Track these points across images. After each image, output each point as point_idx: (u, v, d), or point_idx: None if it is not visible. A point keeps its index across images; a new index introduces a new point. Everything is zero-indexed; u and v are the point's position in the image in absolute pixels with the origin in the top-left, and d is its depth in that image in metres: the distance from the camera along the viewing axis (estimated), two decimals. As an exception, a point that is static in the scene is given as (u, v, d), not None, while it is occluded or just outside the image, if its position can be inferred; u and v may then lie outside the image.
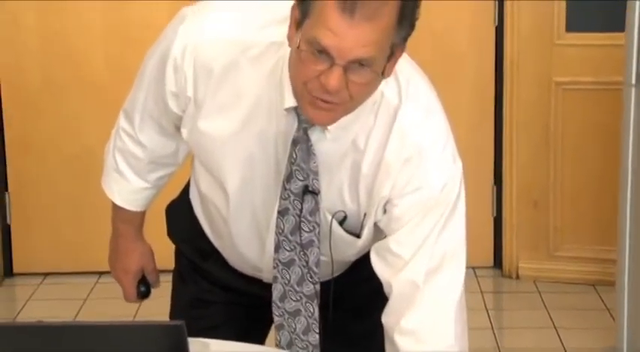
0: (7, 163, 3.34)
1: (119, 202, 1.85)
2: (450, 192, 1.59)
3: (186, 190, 1.85)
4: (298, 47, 1.46)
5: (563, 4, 3.24)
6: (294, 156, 1.58)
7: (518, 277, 3.43)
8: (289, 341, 1.70)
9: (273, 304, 1.68)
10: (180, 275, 1.89)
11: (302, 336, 1.69)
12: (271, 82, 1.57)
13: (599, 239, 3.30)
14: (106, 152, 1.84)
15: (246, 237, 1.70)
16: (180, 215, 1.85)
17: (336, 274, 1.71)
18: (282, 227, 1.63)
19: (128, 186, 1.83)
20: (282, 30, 1.52)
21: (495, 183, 3.42)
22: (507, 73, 3.33)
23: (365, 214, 1.61)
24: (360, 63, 1.45)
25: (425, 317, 1.58)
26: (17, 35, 3.25)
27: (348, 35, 1.43)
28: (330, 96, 1.47)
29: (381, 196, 1.59)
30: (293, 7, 1.50)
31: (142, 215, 1.88)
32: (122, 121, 1.79)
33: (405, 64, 1.58)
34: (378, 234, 1.64)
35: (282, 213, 1.62)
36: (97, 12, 3.23)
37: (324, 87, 1.46)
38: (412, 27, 1.48)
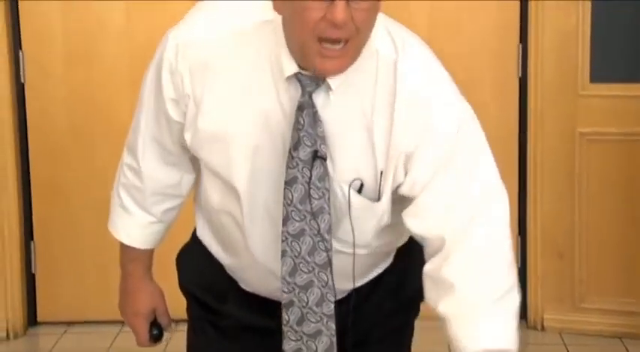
0: (32, 211, 3.37)
1: (125, 240, 1.83)
2: (466, 135, 1.60)
3: (194, 234, 1.83)
4: (292, 2, 1.47)
5: (587, 54, 3.24)
6: (302, 121, 1.57)
7: (543, 329, 3.40)
8: (300, 317, 1.67)
9: (281, 280, 1.64)
10: (194, 329, 1.85)
11: (315, 308, 1.66)
12: (268, 58, 1.59)
13: (625, 291, 3.27)
14: (112, 194, 1.83)
15: (262, 241, 1.67)
16: (193, 255, 1.84)
17: (357, 283, 1.68)
18: (290, 197, 1.60)
19: (134, 221, 1.81)
20: (268, 11, 1.56)
21: (520, 233, 3.40)
22: (531, 123, 3.33)
23: (381, 173, 1.59)
24: None
25: (474, 259, 1.57)
26: (45, 83, 3.29)
27: None
28: (339, 32, 1.48)
29: (399, 151, 1.57)
30: None
31: (150, 254, 1.86)
32: (125, 157, 1.80)
33: (398, 28, 1.62)
34: (398, 204, 1.62)
35: (289, 182, 1.60)
36: (123, 60, 3.27)
37: (332, 21, 1.46)
38: None
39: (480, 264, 1.58)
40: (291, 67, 1.57)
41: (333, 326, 1.66)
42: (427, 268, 1.61)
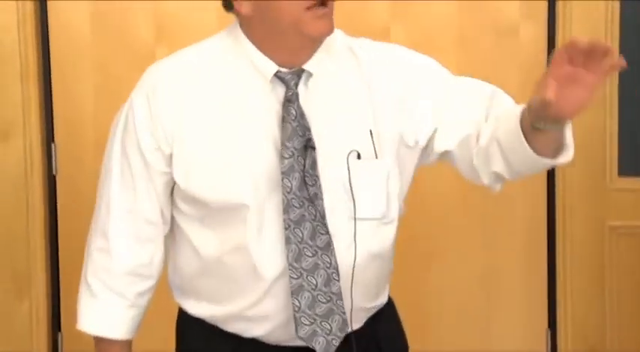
0: (60, 299, 3.35)
1: (96, 331, 1.81)
2: (435, 62, 1.84)
3: (182, 322, 1.85)
4: None
5: (615, 148, 3.25)
6: (293, 112, 1.70)
7: None
8: (311, 300, 1.72)
9: (289, 268, 1.70)
10: None
11: (324, 288, 1.72)
12: (241, 67, 1.72)
13: (659, 388, 3.20)
14: (79, 290, 1.84)
15: (270, 251, 1.72)
16: (192, 321, 1.83)
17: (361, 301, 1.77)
18: (289, 185, 1.69)
19: (106, 308, 1.80)
20: (216, 36, 1.77)
21: (550, 327, 3.36)
22: (559, 217, 3.31)
23: (371, 131, 1.73)
24: None
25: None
26: (76, 173, 3.31)
27: None
28: None
29: (387, 105, 1.74)
30: None
31: (127, 346, 1.83)
32: (92, 242, 1.81)
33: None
34: (403, 153, 1.77)
35: (287, 172, 1.69)
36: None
37: None
38: None
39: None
40: (270, 68, 1.71)
41: (342, 303, 1.73)
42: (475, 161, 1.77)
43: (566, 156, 1.72)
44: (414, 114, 1.77)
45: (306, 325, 1.72)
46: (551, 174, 3.34)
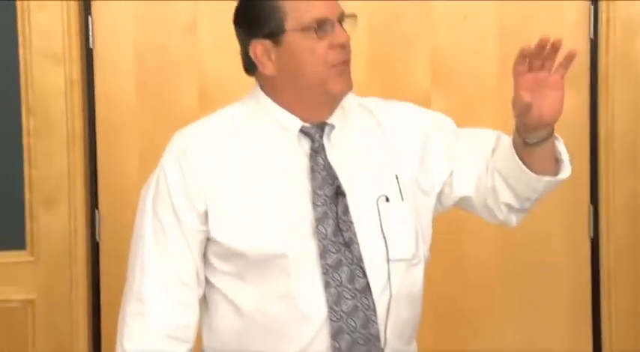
0: (101, 341, 3.34)
1: None
2: (440, 114, 2.00)
3: None
4: (297, 46, 1.76)
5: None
6: (321, 163, 1.80)
7: None
8: (350, 342, 1.76)
9: (329, 311, 1.75)
10: None
11: (362, 330, 1.76)
12: (260, 122, 1.84)
13: None
14: None
15: (311, 296, 1.77)
16: None
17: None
18: (324, 232, 1.76)
19: None
20: (237, 102, 1.90)
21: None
22: (605, 285, 3.27)
23: (397, 176, 1.84)
24: (343, 14, 1.79)
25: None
26: (119, 240, 3.34)
27: None
28: (346, 53, 1.78)
29: (404, 155, 1.87)
30: (253, 46, 1.82)
31: None
32: (127, 309, 1.83)
33: None
34: (420, 198, 1.87)
35: (320, 219, 1.77)
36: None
37: (340, 43, 1.76)
38: None
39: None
40: (295, 123, 1.82)
41: (379, 344, 1.77)
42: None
43: (565, 172, 1.84)
44: (429, 161, 1.89)
45: None
46: (595, 242, 3.31)
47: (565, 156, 1.84)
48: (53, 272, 3.24)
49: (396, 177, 1.84)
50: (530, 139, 1.77)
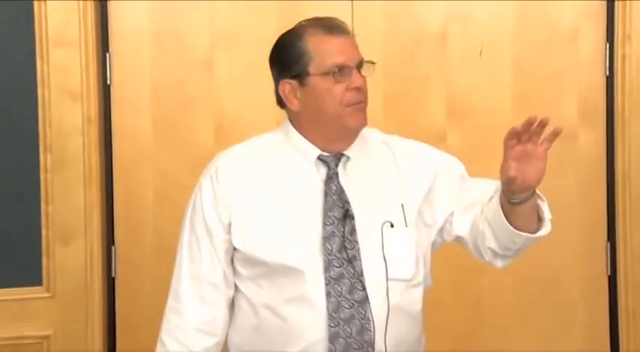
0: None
1: None
2: (451, 157, 2.20)
3: None
4: (317, 87, 2.02)
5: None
6: (333, 188, 2.06)
7: None
8: (345, 346, 2.00)
9: (328, 317, 2.00)
10: None
11: (357, 337, 2.00)
12: (285, 151, 2.10)
13: None
14: (156, 348, 2.12)
15: (318, 292, 2.01)
16: None
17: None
18: (330, 248, 2.03)
19: None
20: (271, 131, 2.17)
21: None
22: (623, 323, 3.25)
23: (402, 205, 2.07)
24: (361, 61, 2.04)
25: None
26: (134, 277, 3.34)
27: (345, 45, 2.04)
28: (361, 95, 2.03)
29: (413, 193, 2.10)
30: (282, 85, 2.07)
31: None
32: (168, 303, 2.14)
33: None
34: (422, 229, 2.10)
35: (327, 237, 2.03)
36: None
37: (356, 87, 2.02)
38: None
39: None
40: (314, 152, 2.09)
41: (373, 350, 2.01)
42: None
43: (544, 230, 2.05)
44: (435, 198, 2.12)
45: None
46: (612, 280, 3.29)
47: (547, 214, 2.04)
48: (69, 308, 3.24)
49: (402, 206, 2.08)
50: (514, 199, 1.99)
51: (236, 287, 2.11)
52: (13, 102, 3.18)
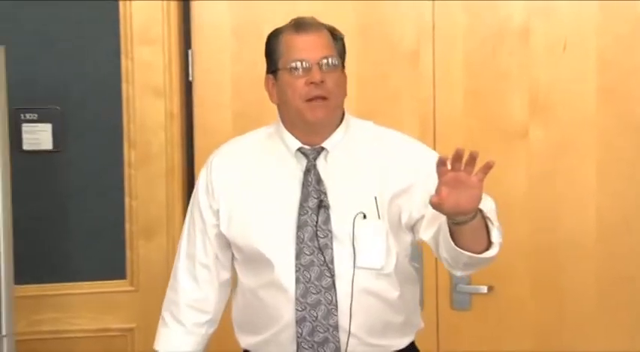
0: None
1: (160, 348, 2.33)
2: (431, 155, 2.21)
3: None
4: (283, 81, 2.18)
5: None
6: (310, 180, 2.19)
7: None
8: (310, 329, 2.16)
9: (295, 301, 2.15)
10: None
11: (323, 321, 2.15)
12: (275, 145, 2.24)
13: None
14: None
15: (288, 278, 2.16)
16: None
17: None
18: (302, 237, 2.16)
19: (170, 333, 2.32)
20: (266, 126, 2.31)
21: None
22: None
23: (375, 198, 2.15)
24: (326, 59, 2.16)
25: None
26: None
27: (309, 43, 2.17)
28: (320, 90, 2.14)
29: (392, 187, 2.18)
30: (265, 79, 2.26)
31: None
32: (170, 281, 2.37)
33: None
34: (393, 220, 2.18)
35: (300, 226, 2.17)
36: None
37: (313, 81, 2.13)
38: (344, 49, 2.25)
39: None
40: (294, 144, 2.22)
41: (337, 334, 2.15)
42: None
43: (491, 252, 2.12)
44: (412, 198, 2.20)
45: (306, 349, 2.18)
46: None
47: (495, 238, 2.12)
48: (152, 302, 3.27)
49: (375, 199, 2.17)
50: (453, 220, 2.05)
51: (234, 268, 2.31)
52: (98, 98, 3.24)
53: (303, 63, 2.15)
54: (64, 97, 3.22)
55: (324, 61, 2.15)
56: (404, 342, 2.28)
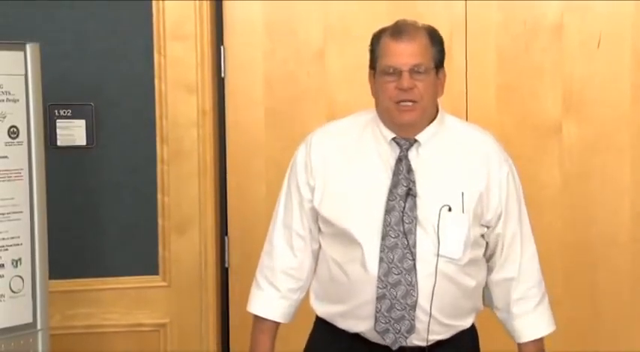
0: None
1: (257, 311, 2.45)
2: (514, 183, 2.36)
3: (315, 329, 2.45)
4: (378, 81, 2.29)
5: None
6: (401, 168, 2.31)
7: None
8: (389, 306, 2.28)
9: (377, 279, 2.28)
10: None
11: (401, 300, 2.28)
12: (371, 133, 2.36)
13: None
14: (252, 284, 2.48)
15: (373, 258, 2.28)
16: (319, 322, 2.43)
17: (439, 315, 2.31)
18: (388, 220, 2.28)
19: (264, 295, 2.45)
20: (365, 111, 2.41)
21: None
22: None
23: (462, 193, 2.28)
24: (417, 68, 2.26)
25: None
26: (247, 224, 3.37)
27: (402, 50, 2.27)
28: (408, 95, 2.26)
29: (473, 187, 2.30)
30: (369, 72, 2.35)
31: (275, 330, 2.45)
32: (265, 247, 2.47)
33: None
34: (475, 215, 2.30)
35: (388, 211, 2.28)
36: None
37: (401, 88, 2.25)
38: (443, 51, 2.34)
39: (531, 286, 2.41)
40: (389, 134, 2.34)
41: (414, 313, 2.29)
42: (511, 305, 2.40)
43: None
44: (490, 206, 2.33)
45: (382, 324, 2.30)
46: None
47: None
48: (184, 297, 3.30)
49: (462, 194, 2.29)
50: None
51: (320, 243, 2.41)
52: (131, 95, 3.25)
53: (395, 69, 2.27)
54: (97, 94, 3.24)
55: (414, 68, 2.26)
56: (468, 322, 2.43)
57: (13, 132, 2.74)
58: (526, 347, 2.43)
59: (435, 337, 2.34)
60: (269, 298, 2.44)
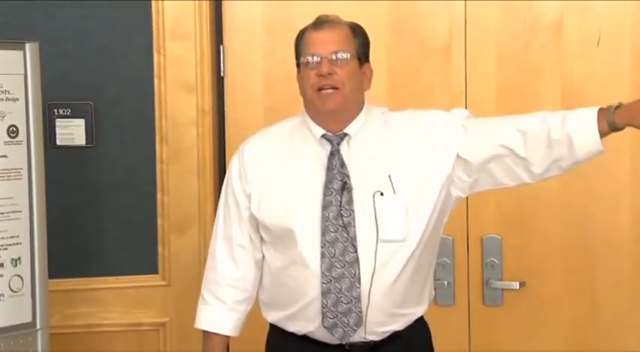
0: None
1: (203, 325, 2.49)
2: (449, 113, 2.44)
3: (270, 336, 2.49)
4: (301, 75, 2.37)
5: None
6: (334, 164, 2.36)
7: None
8: (335, 301, 2.31)
9: (321, 274, 2.31)
10: None
11: (347, 293, 2.30)
12: (301, 132, 2.42)
13: None
14: (199, 300, 2.52)
15: (315, 255, 2.32)
16: (273, 328, 2.47)
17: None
18: (327, 215, 2.32)
19: (210, 310, 2.47)
20: (298, 115, 2.46)
21: None
22: None
23: (389, 176, 2.33)
24: (336, 53, 2.33)
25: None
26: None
27: (322, 38, 2.35)
28: (327, 80, 2.31)
29: (408, 158, 2.35)
30: (297, 72, 2.42)
31: (225, 342, 2.51)
32: (208, 262, 2.51)
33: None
34: (415, 192, 2.34)
35: (325, 206, 2.33)
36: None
37: (321, 73, 2.31)
38: (366, 44, 2.41)
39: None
40: (318, 131, 2.39)
41: (360, 305, 2.30)
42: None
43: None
44: (434, 153, 2.35)
45: (330, 319, 2.32)
46: None
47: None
48: (183, 296, 3.30)
49: (389, 177, 2.32)
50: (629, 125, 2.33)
51: (262, 251, 2.46)
52: (131, 94, 3.26)
53: (315, 57, 2.33)
54: (97, 93, 3.24)
55: (334, 55, 2.32)
56: (419, 310, 2.43)
57: (12, 132, 2.74)
58: (601, 126, 2.36)
59: (383, 328, 2.35)
60: (216, 312, 2.47)
